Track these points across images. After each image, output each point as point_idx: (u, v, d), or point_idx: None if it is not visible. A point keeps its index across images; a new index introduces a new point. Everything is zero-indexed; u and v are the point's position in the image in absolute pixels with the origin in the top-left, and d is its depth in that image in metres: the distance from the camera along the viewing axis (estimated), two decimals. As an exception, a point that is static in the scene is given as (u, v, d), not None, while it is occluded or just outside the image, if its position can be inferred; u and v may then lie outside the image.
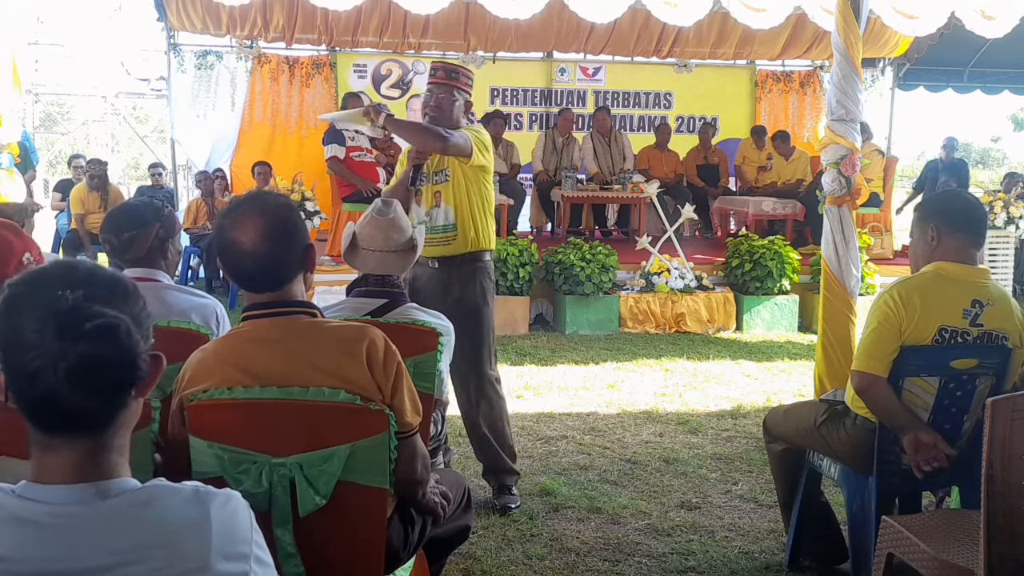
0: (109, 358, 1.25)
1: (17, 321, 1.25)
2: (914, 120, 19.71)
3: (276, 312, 2.13)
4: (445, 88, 4.10)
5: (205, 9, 10.75)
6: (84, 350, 1.23)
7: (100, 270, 1.34)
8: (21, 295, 1.27)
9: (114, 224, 2.92)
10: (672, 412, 5.66)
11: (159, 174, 12.69)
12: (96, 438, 1.29)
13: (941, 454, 2.88)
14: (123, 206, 3.15)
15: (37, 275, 1.30)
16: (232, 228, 2.08)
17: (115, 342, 1.25)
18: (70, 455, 1.28)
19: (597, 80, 13.01)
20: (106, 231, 2.93)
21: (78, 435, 1.28)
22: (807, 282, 8.61)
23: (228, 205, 2.20)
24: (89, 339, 1.23)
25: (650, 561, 3.50)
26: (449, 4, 8.06)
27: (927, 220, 3.04)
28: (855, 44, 4.64)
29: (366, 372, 2.08)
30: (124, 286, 1.35)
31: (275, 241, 2.08)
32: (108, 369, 1.25)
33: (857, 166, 4.72)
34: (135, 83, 18.34)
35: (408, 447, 2.17)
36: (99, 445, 1.29)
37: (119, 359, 1.26)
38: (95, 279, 1.31)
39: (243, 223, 2.08)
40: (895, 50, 12.17)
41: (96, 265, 1.36)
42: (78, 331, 1.23)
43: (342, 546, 2.12)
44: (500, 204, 9.47)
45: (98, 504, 1.26)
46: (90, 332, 1.23)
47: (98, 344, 1.24)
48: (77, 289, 1.26)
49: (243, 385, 2.06)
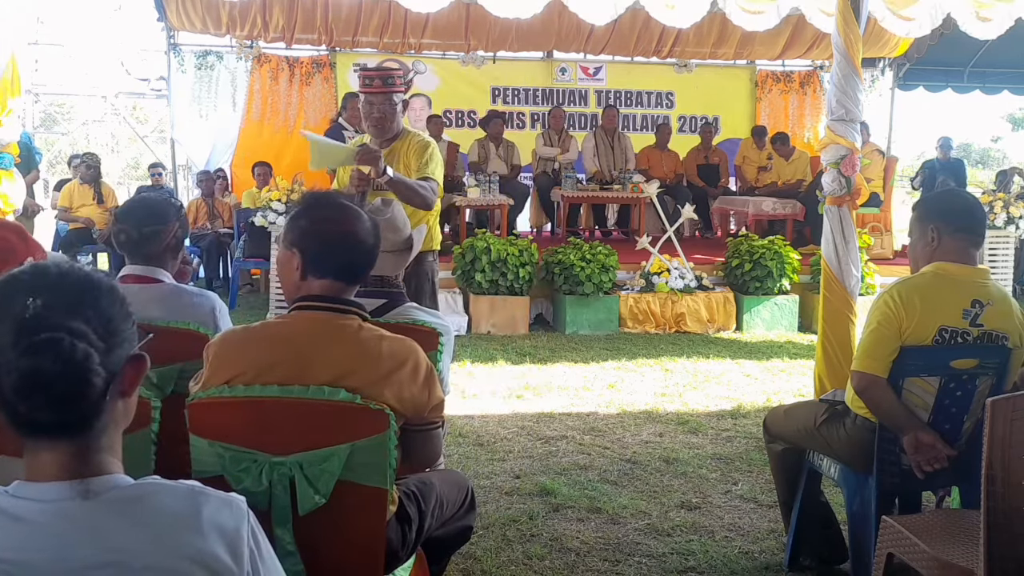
0: (51, 373, 1.21)
1: None
2: (914, 120, 19.71)
3: (332, 308, 2.19)
4: (384, 96, 4.23)
5: (205, 9, 10.76)
6: (25, 365, 1.21)
7: (72, 275, 1.31)
8: None
9: (135, 217, 2.87)
10: (672, 412, 5.66)
11: (159, 174, 12.69)
12: (77, 441, 1.27)
13: (941, 454, 2.88)
14: (143, 200, 3.09)
15: (11, 279, 1.28)
16: (346, 221, 2.22)
17: (56, 357, 1.21)
18: (55, 456, 1.26)
19: (598, 80, 13.01)
20: (125, 222, 2.86)
21: (57, 439, 1.26)
22: (807, 282, 8.62)
23: (321, 199, 2.33)
24: (31, 354, 1.21)
25: (650, 561, 3.50)
26: (449, 4, 8.06)
27: (927, 220, 3.04)
28: (855, 44, 4.64)
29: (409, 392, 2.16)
30: (95, 291, 1.31)
31: (376, 238, 2.28)
32: (50, 384, 1.21)
33: (857, 166, 4.72)
34: (135, 83, 18.32)
35: (435, 437, 2.32)
36: (82, 447, 1.27)
37: (62, 374, 1.22)
38: (63, 284, 1.28)
39: (356, 218, 2.23)
40: (895, 50, 12.17)
41: (71, 267, 1.32)
42: (26, 343, 1.21)
43: (341, 545, 2.13)
44: (499, 204, 9.49)
45: (88, 501, 1.26)
46: (33, 346, 1.21)
47: (39, 359, 1.21)
48: (39, 296, 1.24)
49: (278, 375, 2.09)
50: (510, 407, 5.73)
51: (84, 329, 1.25)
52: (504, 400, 5.90)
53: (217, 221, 10.93)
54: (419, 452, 2.30)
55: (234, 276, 9.92)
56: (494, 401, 5.87)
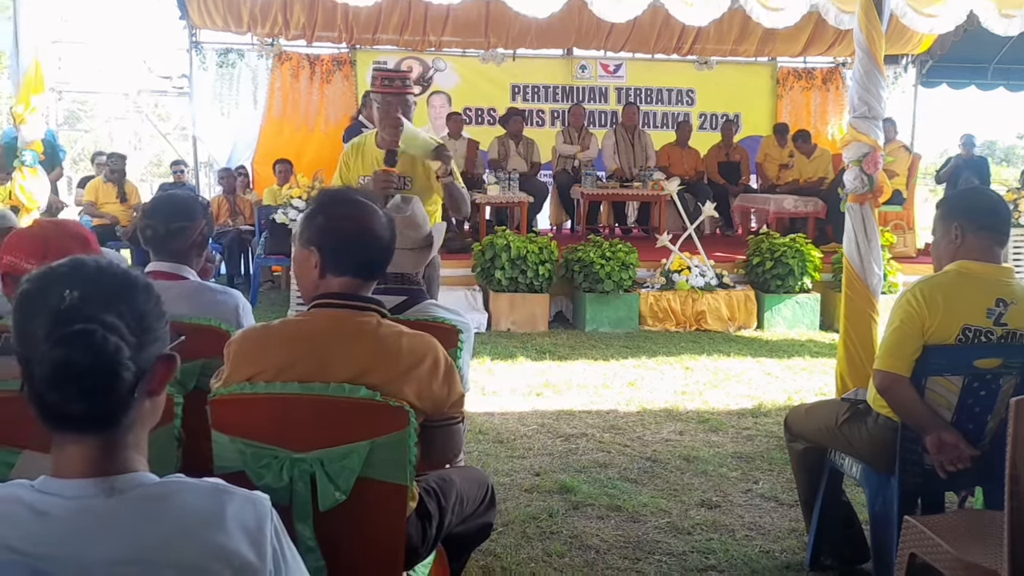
0: (81, 364, 1.22)
1: (27, 314, 1.26)
2: (937, 117, 19.66)
3: (351, 305, 2.20)
4: (402, 97, 4.35)
5: (226, 7, 10.83)
6: (56, 355, 1.22)
7: (110, 270, 1.32)
8: (35, 290, 1.28)
9: (163, 213, 2.89)
10: (692, 410, 5.65)
11: (181, 171, 12.78)
12: (104, 436, 1.28)
13: (964, 454, 2.86)
14: (170, 197, 3.11)
15: (51, 271, 1.30)
16: (363, 218, 2.23)
17: (88, 349, 1.22)
18: (81, 451, 1.28)
19: (618, 77, 12.99)
20: (152, 218, 2.88)
21: (84, 433, 1.27)
22: (829, 280, 8.57)
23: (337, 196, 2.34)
24: (64, 345, 1.22)
25: (670, 559, 3.49)
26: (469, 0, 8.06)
27: (950, 218, 3.01)
28: (878, 41, 4.61)
29: (429, 388, 2.16)
30: (132, 287, 1.32)
31: (393, 234, 2.30)
32: (80, 375, 1.23)
33: (879, 164, 4.69)
34: (157, 81, 18.43)
35: (455, 432, 2.32)
36: (109, 442, 1.29)
37: (92, 366, 1.23)
38: (101, 279, 1.30)
39: (373, 214, 2.24)
40: (918, 47, 12.08)
41: (109, 263, 1.34)
42: (59, 334, 1.22)
43: (362, 541, 2.13)
44: (519, 201, 9.49)
45: (112, 499, 1.26)
46: (65, 337, 1.22)
47: (71, 350, 1.22)
48: (76, 289, 1.26)
49: (299, 372, 2.10)
50: (530, 404, 5.73)
51: (117, 323, 1.26)
52: (524, 397, 5.90)
53: (238, 218, 11.00)
54: (439, 448, 2.30)
55: (255, 273, 9.97)
56: (514, 398, 5.88)
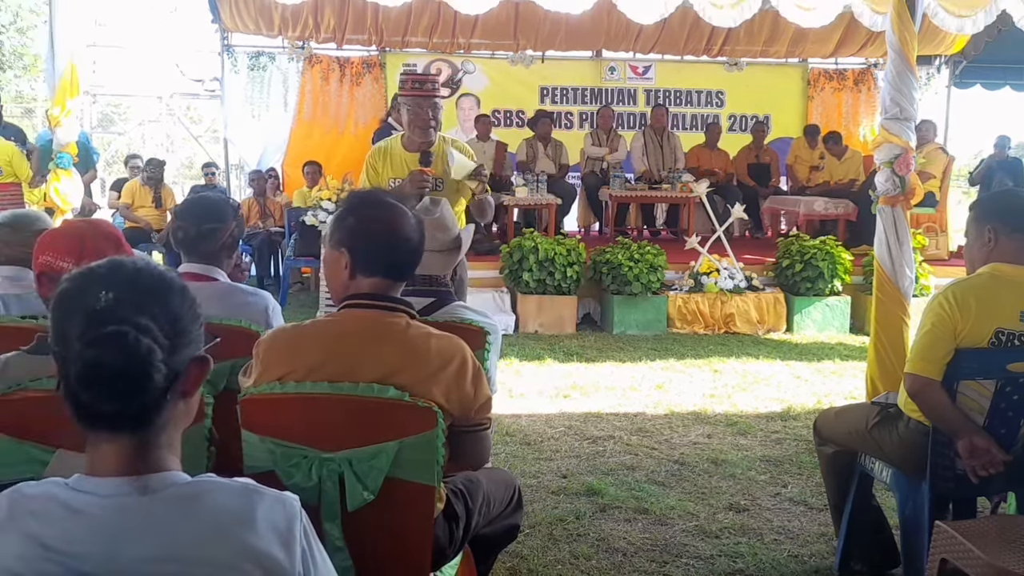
0: (113, 365, 1.24)
1: (64, 314, 1.28)
2: (971, 119, 19.47)
3: (380, 306, 2.21)
4: (433, 100, 4.44)
5: (258, 10, 10.91)
6: (90, 355, 1.23)
7: (147, 272, 1.34)
8: (73, 290, 1.30)
9: (194, 215, 2.93)
10: (721, 413, 5.62)
11: (212, 173, 12.89)
12: (138, 436, 1.30)
13: (996, 459, 2.82)
14: (202, 199, 3.16)
15: (90, 272, 1.32)
16: (393, 220, 2.24)
17: (120, 350, 1.24)
18: (115, 450, 1.29)
19: (647, 79, 12.96)
20: (184, 220, 2.92)
21: (118, 432, 1.29)
22: (859, 283, 8.50)
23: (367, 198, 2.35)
24: (97, 346, 1.23)
25: (698, 563, 3.48)
26: (498, 3, 8.06)
27: (984, 220, 2.98)
28: (910, 41, 4.57)
29: (457, 389, 2.16)
30: (168, 290, 1.34)
31: (421, 235, 2.31)
32: (112, 376, 1.24)
33: (911, 165, 4.65)
34: (189, 84, 18.59)
35: (483, 438, 2.32)
36: (142, 442, 1.30)
37: (124, 367, 1.24)
38: (137, 281, 1.31)
39: (402, 216, 2.26)
40: (951, 47, 11.94)
41: (147, 265, 1.35)
42: (92, 335, 1.24)
43: (389, 541, 2.15)
44: (547, 203, 9.49)
45: (145, 497, 1.28)
46: (99, 338, 1.24)
47: (103, 351, 1.23)
48: (112, 290, 1.27)
49: (328, 373, 2.11)
50: (557, 406, 5.73)
51: (150, 325, 1.27)
52: (551, 399, 5.90)
53: (269, 220, 11.07)
54: (468, 454, 2.30)
55: (285, 274, 10.04)
56: (541, 400, 5.88)
